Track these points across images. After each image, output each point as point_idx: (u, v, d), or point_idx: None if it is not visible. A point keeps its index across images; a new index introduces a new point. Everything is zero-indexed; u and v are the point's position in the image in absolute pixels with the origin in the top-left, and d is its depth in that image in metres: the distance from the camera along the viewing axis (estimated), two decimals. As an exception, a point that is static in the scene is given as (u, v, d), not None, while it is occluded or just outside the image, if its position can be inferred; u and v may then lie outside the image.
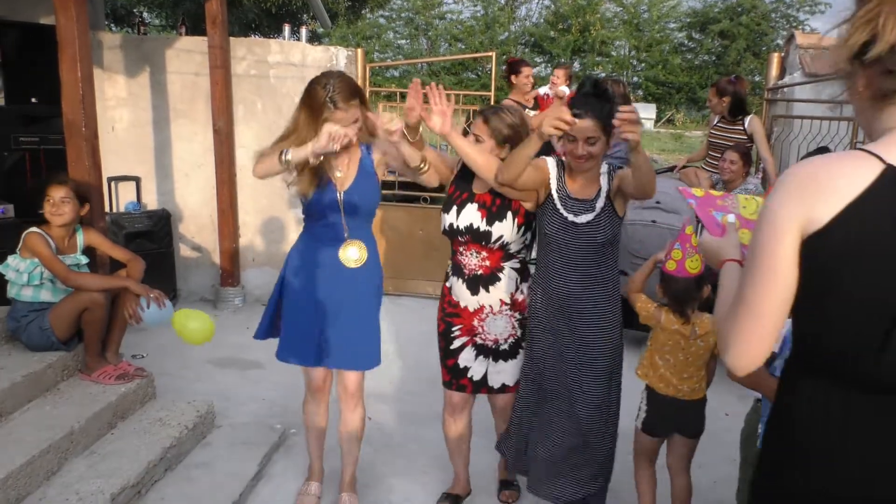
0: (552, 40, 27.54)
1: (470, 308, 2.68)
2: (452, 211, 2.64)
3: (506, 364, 2.72)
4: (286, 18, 12.98)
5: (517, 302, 2.67)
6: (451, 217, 2.64)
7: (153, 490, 2.88)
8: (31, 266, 3.23)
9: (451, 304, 2.73)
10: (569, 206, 2.51)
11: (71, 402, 3.09)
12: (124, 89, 5.44)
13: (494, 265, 2.63)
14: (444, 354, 2.78)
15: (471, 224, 2.60)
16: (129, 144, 5.51)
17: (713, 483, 3.14)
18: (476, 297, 2.65)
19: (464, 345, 2.72)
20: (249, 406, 3.78)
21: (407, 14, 28.90)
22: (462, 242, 2.65)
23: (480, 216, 2.59)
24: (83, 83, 3.41)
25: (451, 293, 2.73)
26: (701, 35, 28.00)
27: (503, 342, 2.70)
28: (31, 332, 3.21)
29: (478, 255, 2.63)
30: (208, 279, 5.69)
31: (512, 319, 2.68)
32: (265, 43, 5.63)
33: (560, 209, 2.51)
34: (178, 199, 5.61)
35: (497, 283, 2.64)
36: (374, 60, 23.96)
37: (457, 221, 2.62)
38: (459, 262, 2.68)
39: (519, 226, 2.59)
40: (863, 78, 1.14)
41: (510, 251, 2.63)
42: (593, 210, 2.48)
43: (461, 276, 2.67)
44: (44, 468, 2.70)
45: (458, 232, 2.63)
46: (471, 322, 2.69)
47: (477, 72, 26.70)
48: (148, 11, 16.01)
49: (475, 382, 2.74)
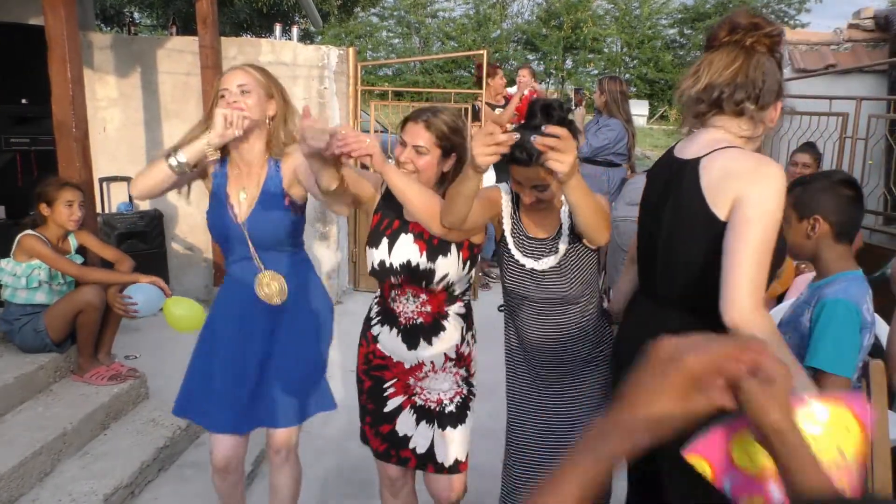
0: (544, 37, 27.54)
1: (405, 364, 2.12)
2: (383, 245, 2.06)
3: (455, 432, 2.12)
4: (277, 18, 12.96)
5: (463, 356, 2.14)
6: (380, 253, 2.06)
7: (146, 490, 2.89)
8: (28, 269, 3.23)
9: (378, 356, 2.16)
10: (527, 250, 2.01)
11: (63, 403, 3.09)
12: (115, 89, 5.43)
13: (436, 310, 2.08)
14: (373, 419, 2.19)
15: (408, 261, 2.03)
16: (120, 145, 5.50)
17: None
18: (414, 352, 2.09)
19: (401, 406, 2.15)
20: (243, 405, 3.78)
21: (399, 12, 28.86)
22: (395, 284, 2.07)
23: (418, 250, 2.03)
24: (73, 84, 3.41)
25: (376, 343, 2.16)
26: (692, 31, 28.05)
27: (449, 402, 2.12)
28: (25, 334, 3.21)
29: (416, 299, 2.07)
30: (201, 279, 5.68)
31: (457, 377, 2.14)
32: (256, 43, 5.63)
33: (516, 255, 2.02)
34: (170, 199, 5.59)
35: (441, 334, 2.09)
36: (368, 59, 23.93)
37: (389, 258, 2.05)
38: (392, 310, 2.10)
39: (464, 261, 2.05)
40: (692, 106, 1.68)
41: (454, 293, 2.09)
42: (556, 252, 1.97)
43: (394, 325, 2.10)
44: (36, 469, 2.70)
45: (392, 271, 2.04)
46: (406, 379, 2.13)
47: (469, 69, 26.70)
48: (138, 11, 15.96)
49: (420, 456, 2.14)
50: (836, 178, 1.94)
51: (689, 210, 1.61)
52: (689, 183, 1.61)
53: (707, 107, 1.64)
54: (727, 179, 1.55)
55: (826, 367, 1.78)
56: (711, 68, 1.64)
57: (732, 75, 1.61)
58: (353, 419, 3.63)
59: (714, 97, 1.63)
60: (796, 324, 1.91)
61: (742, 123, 1.64)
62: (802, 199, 1.91)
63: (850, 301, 1.81)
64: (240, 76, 2.11)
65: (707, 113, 1.66)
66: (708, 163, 1.59)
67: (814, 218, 1.88)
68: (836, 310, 1.80)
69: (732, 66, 1.62)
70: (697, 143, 1.66)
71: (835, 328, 1.79)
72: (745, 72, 1.61)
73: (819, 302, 1.84)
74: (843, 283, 1.85)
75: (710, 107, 1.64)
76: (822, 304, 1.83)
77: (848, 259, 1.92)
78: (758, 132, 1.66)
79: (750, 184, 1.51)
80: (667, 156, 1.77)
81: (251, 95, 2.10)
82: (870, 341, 1.89)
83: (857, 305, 1.81)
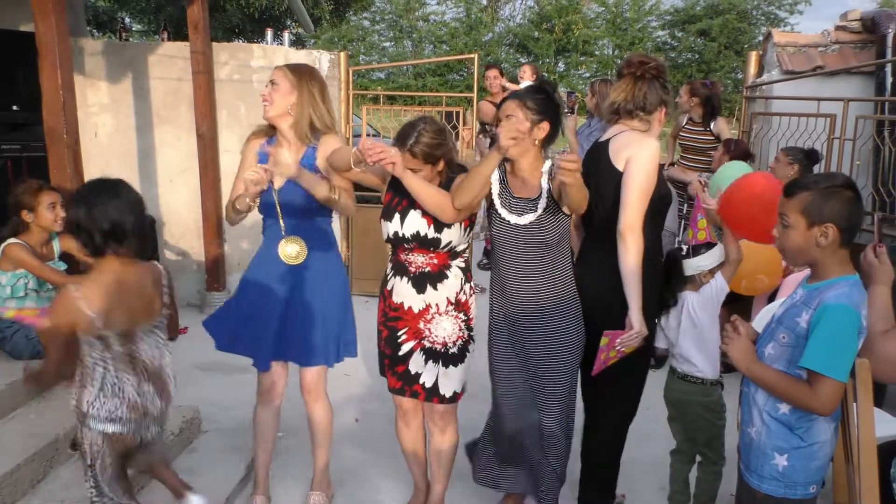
0: (536, 40, 27.60)
1: (415, 308, 2.60)
2: (395, 219, 2.56)
3: (455, 371, 2.63)
4: (269, 23, 12.96)
5: (461, 302, 2.62)
6: (394, 226, 2.57)
7: (139, 497, 2.87)
8: (14, 278, 3.22)
9: (393, 308, 2.64)
10: (512, 206, 2.52)
11: (55, 409, 3.09)
12: (106, 95, 5.43)
13: (442, 263, 2.58)
14: (391, 362, 2.67)
15: (417, 232, 2.54)
16: (112, 150, 5.50)
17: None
18: (422, 295, 2.58)
19: (412, 349, 2.62)
20: (236, 411, 3.79)
21: (390, 16, 28.86)
22: (408, 248, 2.59)
23: (426, 223, 2.53)
24: (64, 90, 3.41)
25: (391, 296, 2.64)
26: (683, 34, 28.15)
27: (452, 345, 2.61)
28: (17, 342, 3.20)
29: (425, 255, 2.58)
30: (194, 284, 5.68)
31: (458, 321, 2.61)
32: (248, 48, 5.64)
33: (502, 213, 2.53)
34: (162, 204, 5.60)
35: (445, 281, 2.58)
36: (361, 63, 23.95)
37: (401, 230, 2.55)
38: (404, 262, 2.60)
39: (465, 228, 2.58)
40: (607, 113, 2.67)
41: (457, 251, 2.61)
42: (535, 210, 2.48)
43: (405, 274, 2.60)
44: (29, 476, 2.70)
45: (404, 240, 2.56)
46: (416, 324, 2.60)
47: (462, 73, 26.74)
48: (130, 17, 15.94)
49: (427, 389, 2.64)
50: (841, 182, 1.90)
51: (604, 167, 2.53)
52: (603, 153, 2.56)
53: (612, 115, 2.63)
54: (622, 148, 2.50)
55: (822, 369, 1.79)
56: (615, 91, 2.62)
57: (625, 96, 2.57)
58: (345, 422, 3.65)
59: (615, 109, 2.60)
60: (792, 324, 1.90)
61: (635, 123, 2.58)
62: (814, 206, 1.86)
63: (852, 307, 1.81)
64: (274, 73, 2.61)
65: (614, 117, 2.63)
66: (613, 140, 2.56)
67: (826, 226, 1.85)
68: (839, 314, 1.80)
69: (625, 90, 2.57)
70: (609, 133, 2.63)
71: (836, 332, 1.80)
72: (632, 93, 2.56)
73: (821, 305, 1.84)
74: (846, 288, 1.85)
75: (614, 115, 2.62)
76: (824, 307, 1.82)
77: (848, 263, 1.91)
78: (651, 128, 2.61)
79: (635, 149, 2.47)
80: (594, 144, 2.70)
81: (278, 88, 2.58)
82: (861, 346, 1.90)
83: (857, 311, 1.82)
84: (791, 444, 1.93)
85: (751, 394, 2.02)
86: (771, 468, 1.96)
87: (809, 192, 1.87)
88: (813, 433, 1.92)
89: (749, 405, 2.03)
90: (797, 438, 1.92)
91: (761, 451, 1.98)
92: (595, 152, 2.64)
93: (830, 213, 1.85)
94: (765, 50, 6.21)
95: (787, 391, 1.89)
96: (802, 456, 1.93)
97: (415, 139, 2.46)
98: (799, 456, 1.93)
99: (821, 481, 1.99)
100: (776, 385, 1.92)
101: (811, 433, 1.92)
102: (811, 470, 1.95)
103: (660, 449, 3.10)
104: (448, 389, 2.63)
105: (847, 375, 1.82)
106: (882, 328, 1.96)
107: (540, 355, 2.55)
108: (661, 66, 2.58)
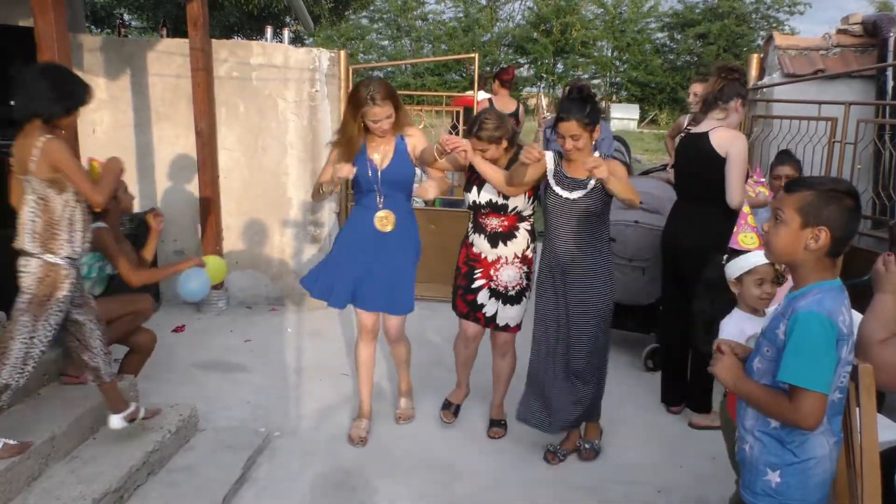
0: (534, 41, 27.58)
1: (489, 259, 3.40)
2: (473, 190, 3.38)
3: (511, 308, 3.42)
4: (268, 21, 12.95)
5: (526, 257, 3.41)
6: (473, 195, 3.39)
7: (135, 495, 2.87)
8: None
9: (472, 256, 3.46)
10: (565, 184, 3.12)
11: (51, 407, 3.07)
12: (105, 92, 5.40)
13: (511, 224, 3.36)
14: (464, 291, 3.47)
15: (490, 199, 3.34)
16: (110, 147, 5.45)
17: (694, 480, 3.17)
18: (496, 249, 3.37)
19: (482, 286, 3.43)
20: (233, 410, 3.77)
21: (389, 15, 28.84)
22: (484, 213, 3.38)
23: (496, 193, 3.31)
24: (62, 86, 3.37)
25: (472, 247, 3.46)
26: (681, 36, 28.17)
27: (511, 289, 3.40)
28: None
29: (497, 218, 3.36)
30: (191, 282, 5.64)
31: (520, 271, 3.39)
32: (247, 45, 5.61)
33: (555, 189, 3.14)
34: (160, 202, 5.57)
35: (514, 239, 3.36)
36: (360, 62, 23.92)
37: (478, 198, 3.36)
38: (482, 223, 3.40)
39: (529, 197, 3.32)
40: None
41: (523, 215, 3.38)
42: (585, 188, 3.08)
43: (483, 232, 3.39)
44: (24, 474, 2.68)
45: (481, 206, 3.37)
46: (489, 270, 3.41)
47: (461, 73, 26.73)
48: (129, 13, 15.89)
49: (487, 318, 3.45)
50: (844, 189, 1.82)
51: (704, 153, 3.52)
52: (704, 142, 3.53)
53: (705, 108, 3.59)
54: (723, 141, 3.47)
55: (798, 381, 1.72)
56: (703, 89, 3.53)
57: (709, 91, 3.55)
58: (343, 422, 3.65)
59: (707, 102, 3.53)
60: (773, 336, 1.84)
61: (716, 113, 3.55)
62: (812, 206, 1.79)
63: (823, 314, 1.73)
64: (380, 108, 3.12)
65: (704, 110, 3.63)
66: (712, 133, 3.52)
67: (820, 229, 1.77)
68: (809, 323, 1.73)
69: (709, 87, 3.54)
70: (703, 126, 3.59)
71: (808, 342, 1.73)
72: (714, 90, 3.53)
73: (792, 315, 1.77)
74: (818, 295, 1.78)
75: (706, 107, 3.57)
76: (795, 317, 1.76)
77: (826, 269, 1.83)
78: (731, 118, 3.56)
79: (734, 143, 3.46)
80: (686, 135, 3.72)
81: (385, 110, 3.16)
82: (850, 355, 1.83)
83: (830, 318, 1.74)
84: (784, 460, 1.85)
85: (744, 409, 1.96)
86: (763, 484, 1.88)
87: (810, 192, 1.80)
88: (807, 448, 1.83)
89: (742, 420, 1.97)
90: (790, 454, 1.84)
91: (754, 467, 1.91)
92: (693, 139, 3.63)
93: (827, 218, 1.77)
94: (766, 53, 6.20)
95: (770, 406, 1.82)
96: (796, 472, 1.84)
97: (479, 126, 3.26)
98: (792, 472, 1.84)
99: (822, 501, 1.89)
100: (759, 400, 1.84)
101: (805, 448, 1.83)
102: (808, 488, 1.85)
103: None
104: (503, 321, 3.45)
105: (827, 386, 1.73)
106: (881, 336, 1.91)
107: (577, 297, 3.13)
108: (743, 72, 3.56)
